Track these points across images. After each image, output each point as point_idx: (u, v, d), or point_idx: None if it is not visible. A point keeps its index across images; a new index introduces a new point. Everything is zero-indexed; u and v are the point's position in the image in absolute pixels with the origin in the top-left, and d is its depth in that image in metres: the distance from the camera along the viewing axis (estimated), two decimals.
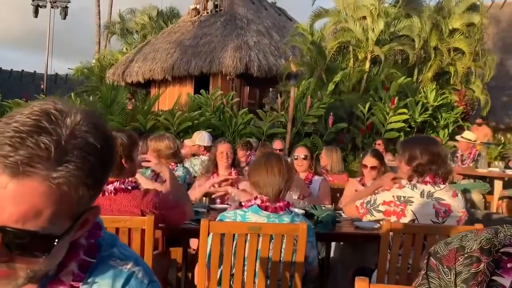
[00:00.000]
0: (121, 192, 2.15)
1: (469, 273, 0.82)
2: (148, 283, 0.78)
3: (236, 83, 11.53)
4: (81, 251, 0.74)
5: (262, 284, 2.08)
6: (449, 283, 0.84)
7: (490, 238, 0.83)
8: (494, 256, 0.81)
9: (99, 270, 0.76)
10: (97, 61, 16.49)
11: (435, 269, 0.86)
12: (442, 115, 10.88)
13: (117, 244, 0.80)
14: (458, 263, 0.83)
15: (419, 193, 2.27)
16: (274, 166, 2.13)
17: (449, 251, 0.86)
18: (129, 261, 0.78)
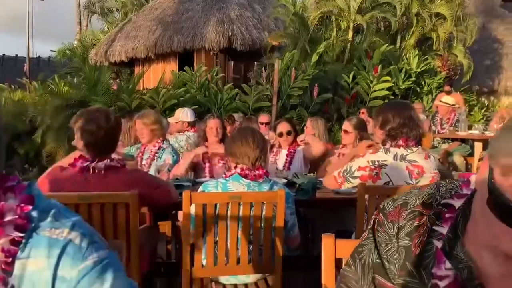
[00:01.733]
0: (110, 170, 2.23)
1: (412, 226, 0.89)
2: (87, 246, 0.80)
3: (220, 58, 11.47)
4: (9, 227, 0.77)
5: (245, 249, 2.18)
6: (392, 237, 0.91)
7: (432, 193, 0.91)
8: (435, 210, 0.88)
9: (33, 243, 0.78)
10: (79, 42, 16.23)
11: (381, 224, 0.93)
12: (425, 81, 10.98)
13: (53, 212, 0.82)
14: (401, 218, 0.90)
15: (392, 156, 2.38)
16: (249, 137, 2.22)
17: (394, 207, 0.93)
18: (64, 228, 0.80)
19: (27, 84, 12.06)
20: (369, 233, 0.96)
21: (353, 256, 0.98)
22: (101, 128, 2.19)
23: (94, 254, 0.80)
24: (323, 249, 1.29)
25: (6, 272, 0.78)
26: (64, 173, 2.19)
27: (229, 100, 9.35)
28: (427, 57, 11.18)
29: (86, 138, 2.20)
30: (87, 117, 2.21)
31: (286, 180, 3.10)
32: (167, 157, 3.54)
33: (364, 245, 0.96)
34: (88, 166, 2.18)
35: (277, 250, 2.20)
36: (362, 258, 0.95)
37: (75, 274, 0.78)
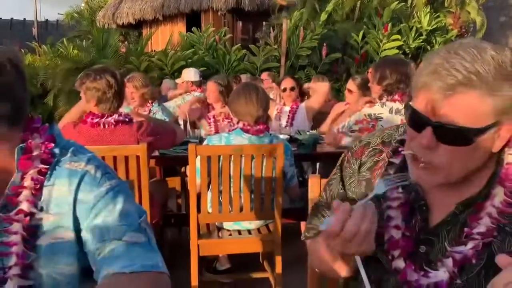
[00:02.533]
0: (120, 124, 2.37)
1: (372, 162, 1.04)
2: (101, 176, 0.96)
3: (228, 19, 11.37)
4: (37, 160, 0.94)
5: (247, 198, 2.34)
6: (354, 171, 1.06)
7: (392, 133, 1.05)
8: (392, 147, 1.02)
9: (56, 174, 0.95)
10: (86, 5, 16.12)
11: (347, 161, 1.09)
12: (436, 39, 10.81)
13: (72, 149, 0.98)
14: (363, 156, 1.05)
15: (388, 110, 2.48)
16: (252, 95, 2.33)
17: (359, 147, 1.08)
18: (82, 161, 0.96)
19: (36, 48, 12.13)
20: (337, 169, 1.12)
21: (325, 189, 1.14)
22: (110, 86, 2.32)
23: (107, 182, 0.96)
24: (309, 188, 1.43)
25: (36, 197, 0.94)
26: (76, 129, 2.34)
27: (237, 61, 9.36)
28: (438, 14, 10.96)
29: (97, 96, 2.32)
30: (94, 77, 2.33)
31: (288, 136, 3.23)
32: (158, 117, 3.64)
33: (333, 179, 1.12)
34: (99, 121, 2.32)
35: (277, 198, 2.35)
36: (331, 190, 1.11)
37: (92, 198, 0.94)
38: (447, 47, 0.84)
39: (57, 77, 8.86)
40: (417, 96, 0.84)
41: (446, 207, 0.92)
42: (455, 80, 0.78)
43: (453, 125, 0.80)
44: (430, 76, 0.81)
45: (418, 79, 0.84)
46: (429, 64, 0.83)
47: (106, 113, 2.35)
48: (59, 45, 11.30)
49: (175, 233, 3.61)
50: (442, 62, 0.81)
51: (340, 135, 2.65)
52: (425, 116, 0.82)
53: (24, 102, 0.93)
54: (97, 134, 2.32)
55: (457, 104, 0.79)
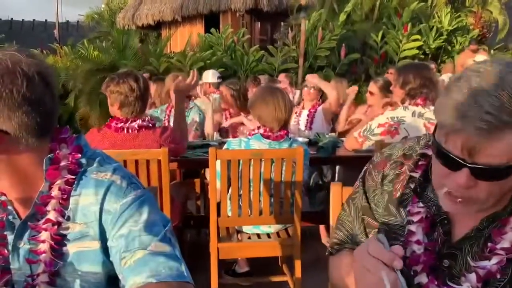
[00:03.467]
0: (143, 129, 2.41)
1: (394, 174, 1.03)
2: (127, 185, 0.98)
3: (246, 20, 11.40)
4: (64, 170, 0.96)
5: (266, 202, 2.35)
6: (377, 184, 1.06)
7: (413, 145, 1.04)
8: (414, 159, 1.02)
9: (83, 183, 0.97)
10: (107, 6, 16.35)
11: (370, 173, 1.08)
12: (457, 39, 10.66)
13: (98, 159, 1.00)
14: (386, 168, 1.05)
15: (410, 113, 2.47)
16: (280, 101, 2.33)
17: (381, 159, 1.08)
18: (108, 171, 0.98)
19: (58, 49, 12.35)
20: (360, 181, 1.11)
21: (348, 202, 1.13)
22: (133, 90, 2.35)
23: (133, 192, 0.97)
24: (331, 196, 1.42)
25: (63, 206, 0.96)
26: (101, 134, 2.38)
27: (255, 62, 9.37)
28: (459, 14, 10.80)
29: (119, 100, 2.36)
30: (118, 80, 2.37)
31: (308, 140, 3.22)
32: (194, 115, 3.70)
33: (356, 192, 1.11)
34: (123, 126, 2.36)
35: (296, 202, 2.35)
36: (355, 203, 1.11)
37: (118, 208, 0.95)
38: (467, 78, 0.80)
39: (78, 78, 9.00)
40: (448, 138, 0.81)
41: (469, 221, 0.92)
42: (489, 125, 0.76)
43: (491, 165, 0.78)
44: (459, 120, 0.78)
45: (445, 120, 0.80)
46: (453, 102, 0.79)
47: (130, 117, 2.39)
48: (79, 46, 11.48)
49: (194, 234, 3.64)
50: (468, 102, 0.77)
51: (362, 139, 2.63)
52: (461, 158, 0.80)
53: (53, 113, 0.95)
54: (121, 139, 2.36)
55: (494, 147, 0.77)
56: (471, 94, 0.78)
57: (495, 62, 0.83)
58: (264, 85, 3.11)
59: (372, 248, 0.81)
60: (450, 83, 0.83)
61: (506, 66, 0.81)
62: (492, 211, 0.89)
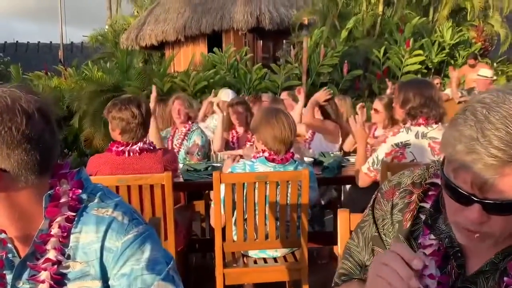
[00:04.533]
0: (145, 152, 2.40)
1: (403, 203, 1.00)
2: (129, 222, 0.95)
3: (249, 38, 11.48)
4: (64, 207, 0.93)
5: (272, 225, 2.31)
6: (387, 213, 1.02)
7: (422, 173, 1.01)
8: (423, 188, 0.99)
9: (84, 220, 0.95)
10: (110, 27, 16.55)
11: (378, 202, 1.05)
12: (459, 53, 10.67)
13: (99, 194, 0.98)
14: (395, 196, 1.02)
15: (413, 135, 2.43)
16: (285, 122, 2.29)
17: (389, 187, 1.04)
18: (109, 208, 0.96)
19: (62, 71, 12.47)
20: (369, 210, 1.08)
21: (356, 231, 1.10)
22: (134, 116, 2.34)
23: (135, 228, 0.95)
24: (339, 223, 1.39)
25: (63, 244, 0.94)
26: (102, 158, 2.37)
27: (258, 80, 9.40)
28: (461, 28, 10.83)
29: (121, 126, 2.35)
30: (120, 107, 2.36)
31: (313, 159, 3.19)
32: (197, 137, 3.68)
33: (365, 221, 1.08)
34: (124, 150, 2.35)
35: (303, 225, 2.31)
36: (364, 232, 1.07)
37: (119, 245, 0.93)
38: (472, 110, 0.78)
39: (82, 99, 9.05)
40: (457, 174, 0.79)
41: (483, 254, 0.88)
42: (499, 161, 0.73)
43: (504, 200, 0.76)
44: (468, 156, 0.75)
45: (453, 154, 0.78)
46: (460, 136, 0.77)
47: (131, 142, 2.37)
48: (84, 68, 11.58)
49: (199, 258, 3.59)
50: (476, 136, 0.75)
51: (373, 173, 2.57)
52: (471, 194, 0.78)
53: (53, 149, 0.93)
54: (123, 162, 2.34)
55: (505, 182, 0.75)
56: (479, 128, 0.75)
57: (500, 91, 0.80)
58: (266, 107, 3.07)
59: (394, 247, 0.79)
60: (456, 115, 0.81)
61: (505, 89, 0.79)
62: (507, 243, 0.86)
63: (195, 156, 3.55)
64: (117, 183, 2.23)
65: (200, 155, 3.58)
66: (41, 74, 12.20)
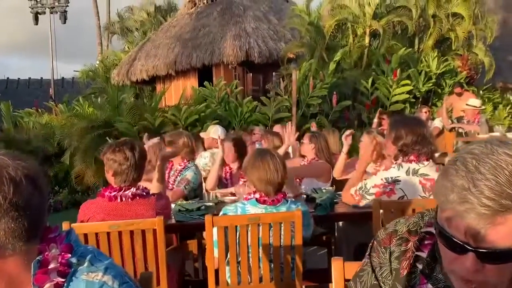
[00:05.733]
0: (137, 197, 2.38)
1: (400, 251, 1.01)
2: (119, 286, 0.93)
3: (239, 71, 11.65)
4: (53, 273, 0.92)
5: (266, 267, 2.29)
6: (385, 260, 1.03)
7: (417, 221, 1.03)
8: (419, 236, 1.00)
9: (73, 285, 0.93)
10: (101, 63, 16.70)
11: (375, 250, 1.06)
12: (446, 82, 10.88)
13: (89, 257, 0.96)
14: (392, 244, 1.03)
15: (404, 172, 2.45)
16: (271, 164, 2.30)
17: (386, 234, 1.05)
18: (99, 271, 0.94)
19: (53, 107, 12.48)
20: (367, 258, 1.08)
21: (354, 280, 1.10)
22: (127, 159, 2.34)
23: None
24: (333, 272, 1.38)
25: None
26: (94, 204, 2.35)
27: (249, 112, 9.48)
28: (446, 57, 11.08)
29: (113, 168, 2.35)
30: (114, 149, 2.37)
31: (305, 196, 3.19)
32: (189, 173, 3.65)
33: (363, 270, 1.08)
34: (116, 195, 2.33)
35: (297, 266, 2.29)
36: (362, 282, 1.07)
37: None
38: (462, 160, 0.81)
39: (73, 135, 9.04)
40: (451, 223, 0.81)
41: None
42: (491, 210, 0.76)
43: (497, 249, 0.78)
44: (460, 205, 0.78)
45: (445, 204, 0.80)
46: (452, 186, 0.79)
47: (124, 185, 2.36)
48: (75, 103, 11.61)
49: None
50: (468, 186, 0.77)
51: (358, 197, 2.62)
52: (465, 243, 0.79)
53: (41, 215, 0.93)
54: (115, 208, 2.32)
55: (498, 231, 0.77)
56: (470, 178, 0.78)
57: (488, 143, 0.83)
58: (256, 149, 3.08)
59: None
60: (447, 165, 0.83)
61: (499, 146, 0.81)
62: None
63: (181, 189, 3.50)
64: (109, 229, 2.21)
65: (187, 189, 3.53)
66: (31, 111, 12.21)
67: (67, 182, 9.32)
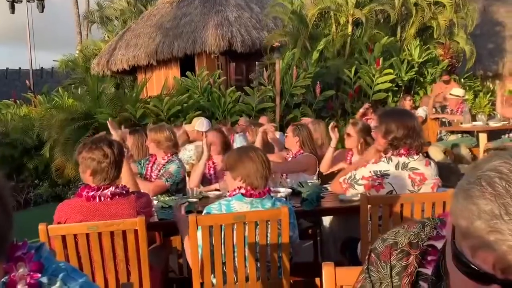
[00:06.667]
0: (117, 196, 2.28)
1: (401, 266, 0.94)
2: None
3: (221, 61, 11.50)
4: None
5: (253, 267, 2.23)
6: (385, 276, 0.96)
7: (418, 232, 0.95)
8: (421, 249, 0.93)
9: None
10: (80, 52, 16.34)
11: (374, 264, 0.98)
12: (428, 71, 10.93)
13: (62, 275, 0.88)
14: (392, 257, 0.95)
15: (394, 166, 2.41)
16: (264, 159, 2.25)
17: (385, 247, 0.97)
18: None
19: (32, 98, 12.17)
20: (365, 273, 1.01)
21: None
22: (106, 156, 2.24)
23: None
24: (324, 277, 1.32)
25: None
26: (71, 205, 2.25)
27: (232, 103, 9.38)
28: (428, 46, 11.12)
29: (92, 166, 2.25)
30: (90, 146, 2.26)
31: (291, 190, 3.14)
32: (172, 166, 3.55)
33: (362, 286, 1.01)
34: (94, 195, 2.24)
35: (284, 265, 2.24)
36: None
37: None
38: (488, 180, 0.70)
39: (53, 128, 8.82)
40: (476, 253, 0.71)
41: None
42: None
43: None
44: (489, 235, 0.68)
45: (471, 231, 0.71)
46: (478, 211, 0.69)
47: (102, 184, 2.26)
48: (54, 95, 11.33)
49: None
50: (498, 213, 0.67)
51: (346, 185, 2.58)
52: (492, 275, 0.70)
53: (7, 231, 0.84)
54: (94, 209, 2.22)
55: None
56: (501, 204, 0.67)
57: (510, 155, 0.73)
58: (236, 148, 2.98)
59: None
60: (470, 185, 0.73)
61: None
62: None
63: (163, 181, 3.42)
64: (88, 230, 2.12)
65: (169, 182, 3.44)
66: (9, 103, 11.89)
67: (47, 175, 9.12)
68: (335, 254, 3.02)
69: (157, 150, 3.58)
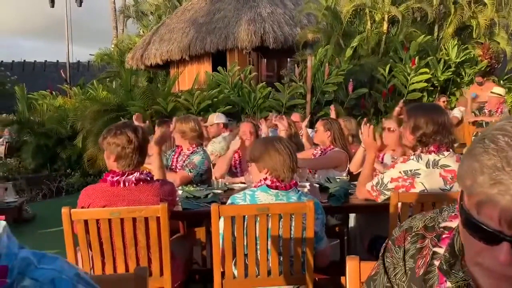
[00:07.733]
0: (141, 183, 2.26)
1: (415, 249, 0.92)
2: None
3: (253, 57, 11.47)
4: None
5: (275, 261, 2.17)
6: (399, 260, 0.94)
7: (435, 216, 0.93)
8: (437, 232, 0.90)
9: None
10: (116, 46, 16.63)
11: (389, 250, 0.97)
12: (465, 71, 10.58)
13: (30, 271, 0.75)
14: (406, 242, 0.94)
15: (424, 164, 2.29)
16: (292, 151, 2.19)
17: (400, 232, 0.96)
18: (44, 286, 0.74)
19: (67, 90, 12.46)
20: (380, 260, 0.99)
21: (368, 283, 1.01)
22: (130, 141, 2.23)
23: None
24: (348, 272, 1.26)
25: None
26: (96, 190, 2.24)
27: (262, 98, 9.34)
28: (467, 46, 10.76)
29: (116, 152, 2.24)
30: (115, 132, 2.25)
31: (318, 185, 3.06)
32: (196, 157, 3.54)
33: (377, 273, 0.99)
34: (119, 180, 2.22)
35: (308, 260, 2.17)
36: (375, 285, 0.99)
37: None
38: (491, 138, 0.70)
39: (86, 118, 9.00)
40: (481, 209, 0.70)
41: None
42: None
43: None
44: (492, 188, 0.67)
45: (474, 188, 0.70)
46: (481, 166, 0.68)
47: (127, 170, 2.25)
48: (89, 87, 11.57)
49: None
50: (500, 166, 0.66)
51: (376, 193, 2.46)
52: (499, 231, 0.68)
53: None
54: (118, 194, 2.21)
55: None
56: (503, 157, 0.68)
57: None
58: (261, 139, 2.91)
59: None
60: (473, 144, 0.73)
61: None
62: None
63: (186, 172, 3.40)
64: (110, 216, 2.11)
65: (192, 172, 3.42)
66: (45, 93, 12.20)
67: (80, 165, 9.32)
68: (362, 253, 2.92)
69: (182, 141, 3.57)
